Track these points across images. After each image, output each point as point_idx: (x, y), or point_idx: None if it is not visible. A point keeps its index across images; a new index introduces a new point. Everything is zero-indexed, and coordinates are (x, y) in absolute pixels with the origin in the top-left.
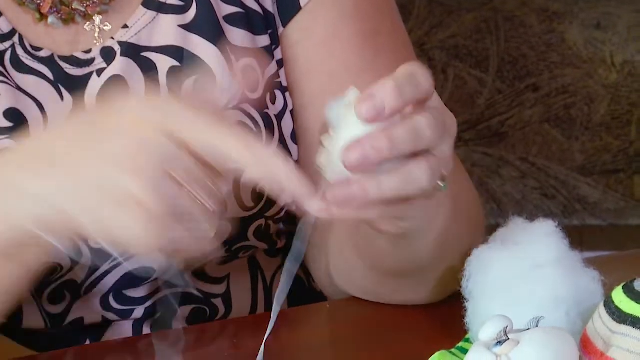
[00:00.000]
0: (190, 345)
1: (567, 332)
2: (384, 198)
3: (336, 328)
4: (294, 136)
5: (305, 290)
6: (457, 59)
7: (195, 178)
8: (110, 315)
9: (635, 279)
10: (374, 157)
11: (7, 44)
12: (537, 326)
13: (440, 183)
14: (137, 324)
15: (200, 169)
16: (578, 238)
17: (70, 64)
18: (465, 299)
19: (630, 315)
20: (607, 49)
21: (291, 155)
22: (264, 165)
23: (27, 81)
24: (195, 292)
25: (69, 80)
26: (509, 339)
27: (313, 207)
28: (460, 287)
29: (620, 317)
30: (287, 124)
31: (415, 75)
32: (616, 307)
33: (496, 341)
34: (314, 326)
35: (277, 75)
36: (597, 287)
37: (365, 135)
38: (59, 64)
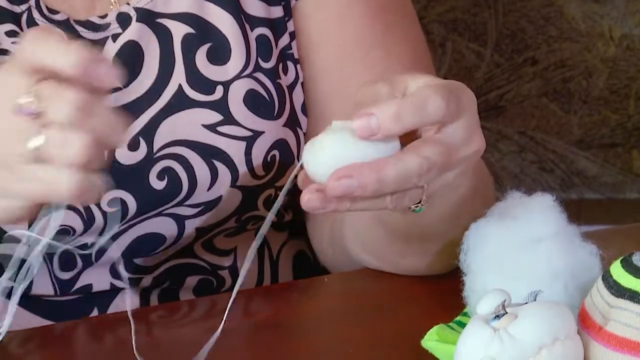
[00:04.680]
0: (200, 316)
1: (565, 306)
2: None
3: (333, 302)
4: (304, 108)
5: (311, 266)
6: (455, 32)
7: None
8: (119, 283)
9: (633, 253)
10: (357, 194)
11: (23, 7)
12: (535, 300)
13: (413, 207)
14: (145, 293)
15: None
16: (576, 212)
17: (86, 28)
18: (463, 273)
19: (629, 290)
20: (605, 22)
21: (301, 127)
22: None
23: None
24: (203, 264)
25: (84, 44)
26: (506, 312)
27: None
28: (458, 261)
29: (619, 291)
30: (298, 95)
31: (426, 105)
32: (614, 281)
33: (494, 315)
34: (312, 299)
35: (289, 46)
36: (595, 261)
37: (357, 168)
38: (75, 28)
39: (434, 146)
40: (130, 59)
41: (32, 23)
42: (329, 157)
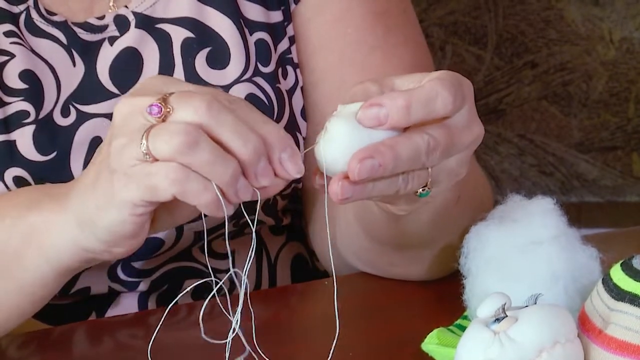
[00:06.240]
0: (198, 319)
1: (565, 309)
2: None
3: (333, 305)
4: (304, 113)
5: (309, 270)
6: (455, 35)
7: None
8: (117, 287)
9: (633, 256)
10: (379, 174)
11: (22, 7)
12: (535, 303)
13: (420, 190)
14: (143, 297)
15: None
16: (576, 215)
17: (84, 30)
18: (463, 276)
19: (629, 293)
20: (605, 25)
21: (300, 132)
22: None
23: (41, 45)
24: (201, 267)
25: (82, 46)
26: (507, 316)
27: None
28: (458, 264)
29: (619, 294)
30: (297, 100)
31: (435, 99)
32: (614, 284)
33: (494, 318)
34: (311, 303)
35: (289, 51)
36: (595, 264)
37: (374, 148)
38: (72, 29)
39: (438, 127)
40: (129, 65)
41: (30, 24)
42: (344, 144)
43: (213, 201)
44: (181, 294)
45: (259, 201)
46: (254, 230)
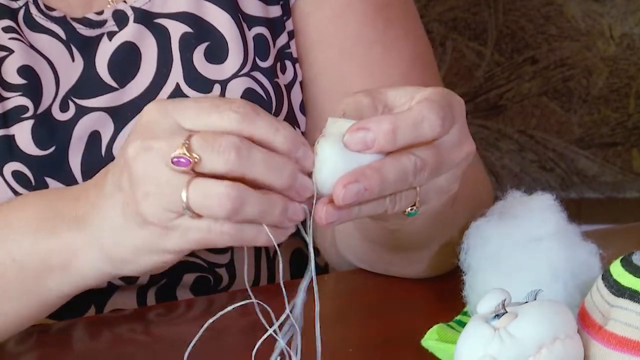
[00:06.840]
0: (197, 315)
1: (565, 305)
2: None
3: (333, 301)
4: (303, 107)
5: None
6: (455, 31)
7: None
8: (116, 280)
9: (633, 252)
10: (365, 197)
11: (20, 2)
12: (535, 299)
13: (408, 210)
14: (142, 291)
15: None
16: (576, 211)
17: (83, 25)
18: (463, 272)
19: (629, 289)
20: (605, 21)
21: (299, 126)
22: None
23: (40, 40)
24: (199, 261)
25: (80, 41)
26: (507, 312)
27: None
28: (458, 260)
29: (619, 290)
30: (296, 94)
31: (422, 123)
32: (614, 280)
33: (494, 314)
34: (310, 298)
35: (287, 46)
36: (595, 260)
37: (359, 171)
38: (71, 24)
39: (426, 148)
40: (128, 59)
41: (29, 19)
42: (331, 167)
43: (267, 240)
44: (232, 306)
45: (311, 216)
46: (310, 244)
